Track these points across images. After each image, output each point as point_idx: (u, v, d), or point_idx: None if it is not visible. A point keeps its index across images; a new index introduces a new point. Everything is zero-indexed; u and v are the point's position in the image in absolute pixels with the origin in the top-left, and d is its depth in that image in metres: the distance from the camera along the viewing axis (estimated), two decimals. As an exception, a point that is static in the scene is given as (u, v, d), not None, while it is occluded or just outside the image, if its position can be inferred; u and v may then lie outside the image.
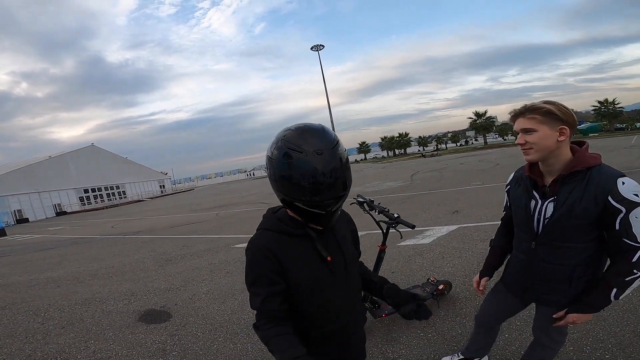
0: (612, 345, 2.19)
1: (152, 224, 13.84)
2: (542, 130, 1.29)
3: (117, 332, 3.46)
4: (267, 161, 1.02)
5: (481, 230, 5.44)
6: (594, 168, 1.29)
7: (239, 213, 12.97)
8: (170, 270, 5.61)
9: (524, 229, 1.50)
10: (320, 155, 0.93)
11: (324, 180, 0.94)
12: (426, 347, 2.48)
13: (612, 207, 1.23)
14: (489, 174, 14.02)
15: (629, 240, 1.24)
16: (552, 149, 1.31)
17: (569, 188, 1.31)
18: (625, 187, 1.22)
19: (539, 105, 1.30)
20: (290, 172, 0.95)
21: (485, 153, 32.53)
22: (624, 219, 1.22)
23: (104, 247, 9.30)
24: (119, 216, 21.19)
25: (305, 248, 1.08)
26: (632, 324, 2.38)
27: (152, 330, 3.40)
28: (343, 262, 1.14)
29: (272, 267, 1.05)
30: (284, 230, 1.08)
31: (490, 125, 59.66)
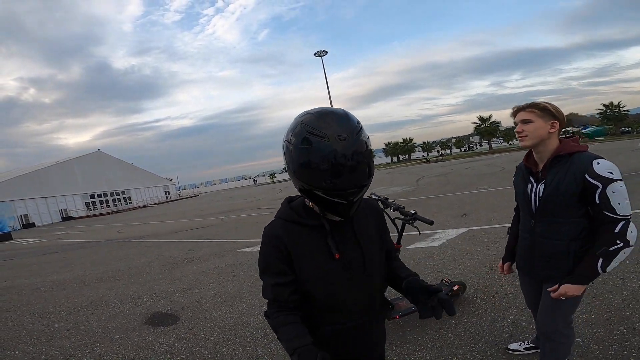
0: (638, 343, 2.11)
1: (157, 229, 13.85)
2: (537, 122, 1.53)
3: (123, 334, 3.41)
4: (284, 148, 0.97)
5: (491, 232, 5.35)
6: (576, 154, 1.49)
7: (245, 218, 12.95)
8: (177, 274, 5.57)
9: (525, 210, 1.71)
10: (343, 141, 0.87)
11: (346, 163, 0.88)
12: (443, 348, 2.39)
13: (590, 184, 1.42)
14: (496, 177, 13.88)
15: (609, 213, 1.40)
16: (543, 138, 1.54)
17: (555, 170, 1.53)
18: (600, 166, 1.41)
19: (538, 102, 1.56)
20: (310, 158, 0.89)
21: (491, 158, 32.32)
22: (602, 194, 1.40)
23: (109, 251, 9.31)
24: (125, 221, 21.27)
25: (318, 240, 1.03)
26: None
27: (159, 333, 3.34)
28: (361, 258, 1.06)
29: (280, 257, 1.02)
30: (296, 220, 1.05)
31: (494, 130, 59.34)
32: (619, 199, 1.39)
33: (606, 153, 1.33)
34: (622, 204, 1.39)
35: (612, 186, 1.39)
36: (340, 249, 1.03)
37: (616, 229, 1.40)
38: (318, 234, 1.03)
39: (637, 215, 4.95)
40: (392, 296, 3.14)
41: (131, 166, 53.11)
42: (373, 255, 1.10)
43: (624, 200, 1.40)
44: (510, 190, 1.87)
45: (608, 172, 1.40)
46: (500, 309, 2.83)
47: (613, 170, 1.41)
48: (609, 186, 1.39)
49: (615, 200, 1.39)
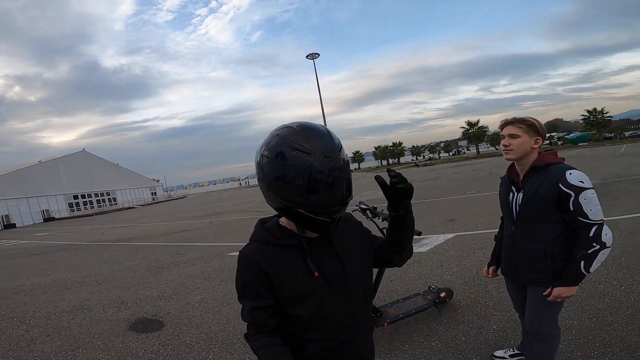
0: (620, 350, 2.15)
1: (143, 231, 13.60)
2: (523, 137, 1.66)
3: (106, 341, 3.32)
4: (260, 162, 0.92)
5: (478, 238, 5.42)
6: (552, 165, 1.63)
7: (233, 221, 12.82)
8: (163, 278, 5.47)
9: (507, 217, 1.86)
10: (328, 158, 0.86)
11: (332, 181, 0.87)
12: (431, 355, 2.41)
13: (564, 192, 1.56)
14: (483, 182, 14.11)
15: (582, 218, 1.53)
16: (527, 153, 1.68)
17: (533, 180, 1.67)
18: (572, 176, 1.55)
19: (526, 119, 1.68)
20: (294, 174, 0.86)
21: (478, 162, 32.85)
22: (575, 201, 1.53)
23: (93, 253, 9.09)
24: (110, 223, 20.83)
25: (296, 259, 1.01)
26: (638, 328, 2.35)
27: (143, 339, 3.27)
28: (342, 271, 1.04)
29: (257, 280, 0.99)
30: (271, 241, 1.02)
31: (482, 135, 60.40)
32: (591, 205, 1.53)
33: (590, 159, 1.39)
34: (594, 210, 1.53)
35: (583, 194, 1.53)
36: (320, 266, 1.01)
37: (591, 233, 1.53)
38: (295, 253, 1.01)
39: (621, 220, 5.10)
40: (381, 303, 3.15)
41: (117, 166, 52.13)
42: (354, 267, 1.08)
43: (595, 207, 1.53)
44: (496, 196, 1.98)
45: (579, 182, 1.54)
46: (486, 316, 2.86)
47: (584, 179, 1.55)
48: (581, 194, 1.53)
49: (587, 206, 1.52)
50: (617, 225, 4.85)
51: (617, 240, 4.07)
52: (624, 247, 3.96)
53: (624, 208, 6.01)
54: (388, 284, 3.86)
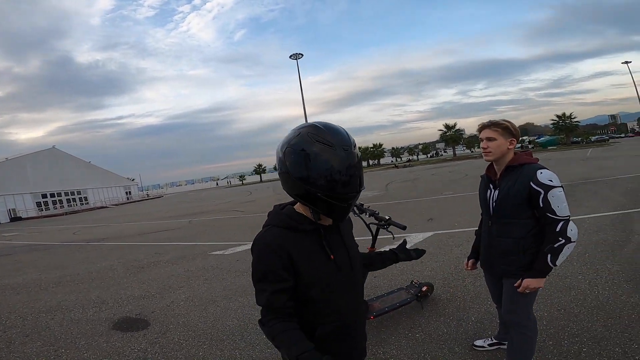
0: (587, 339, 2.33)
1: (118, 231, 13.19)
2: (499, 139, 1.80)
3: (89, 340, 3.26)
4: (284, 153, 1.02)
5: (455, 236, 5.66)
6: (525, 164, 1.76)
7: (213, 221, 12.67)
8: (143, 278, 5.38)
9: (485, 212, 2.00)
10: (346, 151, 0.98)
11: (350, 171, 0.99)
12: (415, 346, 2.53)
13: (534, 190, 1.68)
14: (460, 184, 14.61)
15: (550, 214, 1.66)
16: (504, 153, 1.81)
17: (507, 178, 1.80)
18: (542, 175, 1.68)
19: (500, 122, 1.82)
20: (319, 164, 0.97)
21: (455, 164, 33.87)
22: (544, 198, 1.65)
23: (66, 254, 8.76)
24: (81, 223, 20.04)
25: (313, 245, 1.09)
26: (602, 319, 2.55)
27: (129, 338, 3.23)
28: (348, 259, 1.15)
29: (281, 264, 1.04)
30: (293, 226, 1.08)
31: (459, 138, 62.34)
32: (558, 202, 1.65)
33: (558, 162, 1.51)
34: (561, 207, 1.65)
35: (552, 192, 1.65)
36: (333, 251, 1.10)
37: (557, 228, 1.65)
38: (312, 239, 1.09)
39: (586, 219, 5.46)
40: (366, 297, 3.26)
41: (89, 164, 50.09)
42: (356, 255, 1.22)
43: (562, 204, 1.65)
44: (471, 196, 2.22)
45: (548, 180, 1.67)
46: (465, 308, 3.03)
47: (553, 178, 1.68)
48: (550, 192, 1.65)
49: (555, 203, 1.65)
50: (582, 223, 5.19)
51: (582, 238, 4.38)
52: (588, 245, 4.27)
53: (589, 208, 6.44)
54: (372, 280, 3.99)
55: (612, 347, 2.20)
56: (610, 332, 2.38)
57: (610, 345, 2.22)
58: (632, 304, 2.70)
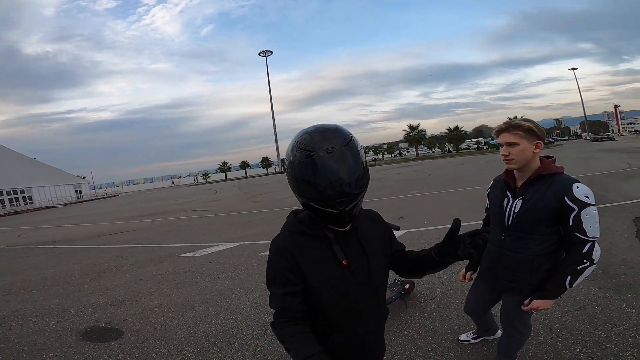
0: (560, 329, 2.51)
1: (70, 232, 12.23)
2: (522, 144, 1.56)
3: (57, 352, 3.01)
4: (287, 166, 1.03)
5: (426, 234, 5.88)
6: (556, 175, 1.58)
7: (178, 221, 12.13)
8: (107, 284, 5.03)
9: (497, 223, 1.76)
10: (330, 153, 0.93)
11: (333, 175, 0.93)
12: (405, 342, 2.61)
13: (567, 206, 1.50)
14: (424, 183, 15.21)
15: (580, 234, 1.50)
16: (529, 159, 1.58)
17: (534, 189, 1.59)
18: (579, 190, 1.50)
19: (521, 123, 1.57)
20: (301, 172, 0.96)
21: (418, 164, 35.20)
22: (576, 216, 1.49)
23: (13, 258, 8.00)
24: (26, 224, 18.33)
25: (324, 250, 1.07)
26: (569, 311, 2.76)
27: (102, 349, 3.01)
28: (367, 265, 1.10)
29: (288, 267, 1.05)
30: (302, 231, 1.08)
31: (421, 138, 64.89)
32: (591, 222, 1.49)
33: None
34: (593, 227, 1.50)
35: (586, 210, 1.48)
36: (347, 256, 1.07)
37: (584, 249, 1.51)
38: (323, 244, 1.07)
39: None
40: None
41: (33, 161, 46.05)
42: (378, 262, 1.15)
43: (594, 224, 1.50)
44: (438, 195, 2.22)
45: (585, 197, 1.49)
46: (446, 304, 3.16)
47: (589, 195, 1.50)
48: (584, 210, 1.48)
49: (587, 223, 1.49)
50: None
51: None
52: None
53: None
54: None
55: (583, 337, 2.39)
56: (579, 322, 2.58)
57: (582, 335, 2.41)
58: (593, 296, 2.95)
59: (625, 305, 2.73)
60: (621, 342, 2.28)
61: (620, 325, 2.47)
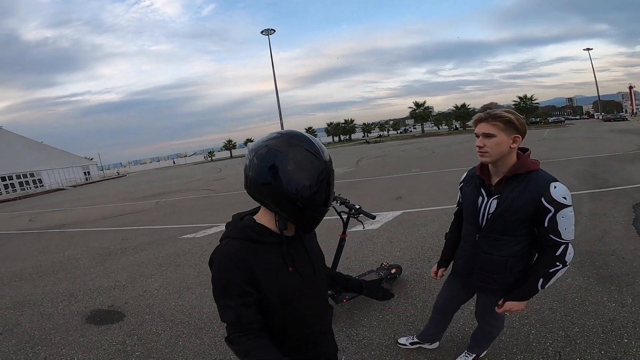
0: (535, 321, 2.54)
1: (79, 215, 12.54)
2: (500, 136, 1.46)
3: (64, 335, 3.21)
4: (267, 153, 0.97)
5: (422, 215, 5.94)
6: (533, 172, 1.49)
7: (182, 201, 12.37)
8: (111, 267, 5.25)
9: (470, 221, 1.70)
10: (329, 164, 1.02)
11: (330, 187, 1.02)
12: (385, 327, 2.72)
13: (543, 207, 1.42)
14: (427, 161, 15.14)
15: (554, 237, 1.44)
16: (504, 154, 1.49)
17: (510, 188, 1.50)
18: (556, 190, 1.42)
19: (501, 114, 1.46)
20: (307, 172, 0.97)
21: (423, 141, 34.83)
22: (552, 218, 1.42)
23: (23, 243, 8.27)
24: (37, 208, 18.79)
25: (275, 257, 1.06)
26: (549, 302, 2.79)
27: (105, 331, 3.21)
28: (312, 270, 1.15)
29: (244, 277, 1.00)
30: (255, 238, 1.04)
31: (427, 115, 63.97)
32: (566, 224, 1.42)
33: None
34: (568, 229, 1.43)
35: (563, 212, 1.41)
36: (295, 263, 1.09)
37: (557, 252, 1.46)
38: (274, 251, 1.06)
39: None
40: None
41: (41, 145, 46.50)
42: (320, 266, 1.22)
43: (570, 226, 1.44)
44: (437, 174, 2.12)
45: (562, 198, 1.41)
46: (430, 290, 3.24)
47: (567, 195, 1.42)
48: (560, 211, 1.41)
49: (563, 225, 1.42)
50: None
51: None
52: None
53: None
54: (344, 262, 4.14)
55: (556, 331, 2.41)
56: (556, 314, 2.60)
57: (555, 329, 2.44)
58: (576, 287, 2.95)
59: (607, 299, 2.71)
60: (592, 337, 2.28)
61: (595, 320, 2.46)
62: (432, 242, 4.39)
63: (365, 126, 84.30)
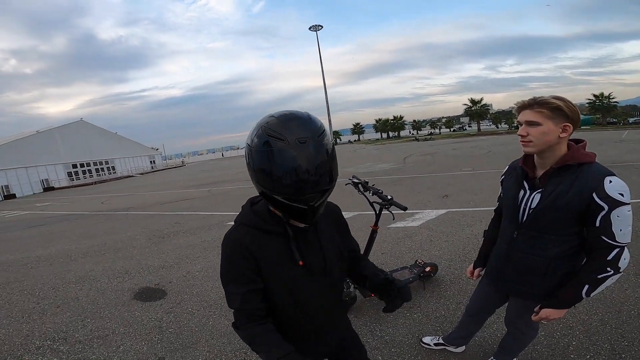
0: (580, 332, 2.32)
1: (143, 200, 13.80)
2: (546, 125, 1.29)
3: (112, 310, 3.53)
4: (246, 149, 0.94)
5: (469, 215, 5.59)
6: (585, 165, 1.30)
7: (232, 190, 13.00)
8: (164, 248, 5.68)
9: (509, 218, 1.54)
10: (303, 144, 0.85)
11: (306, 167, 0.86)
12: (412, 326, 2.61)
13: (595, 204, 1.24)
14: (480, 160, 14.19)
15: (607, 238, 1.26)
16: (551, 144, 1.32)
17: (557, 181, 1.34)
18: (612, 185, 1.23)
19: (548, 100, 1.29)
20: (271, 163, 0.87)
21: (479, 140, 32.72)
22: (605, 217, 1.24)
23: (94, 224, 9.28)
24: (109, 192, 21.03)
25: (282, 247, 1.02)
26: (600, 312, 2.50)
27: (147, 307, 3.48)
28: (323, 264, 1.08)
29: (248, 266, 1.00)
30: (260, 226, 1.02)
31: (484, 113, 59.86)
32: (622, 225, 1.24)
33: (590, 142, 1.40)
34: (624, 231, 1.25)
35: (619, 210, 1.23)
36: (304, 254, 1.04)
37: (610, 256, 1.27)
38: (283, 241, 1.02)
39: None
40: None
41: (115, 135, 51.74)
42: (334, 259, 1.12)
43: (626, 227, 1.25)
44: (491, 174, 1.92)
45: (619, 194, 1.23)
46: (466, 291, 3.05)
47: (624, 192, 1.23)
48: (616, 210, 1.23)
49: (618, 226, 1.24)
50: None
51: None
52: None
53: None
54: (379, 257, 4.06)
55: (601, 343, 2.17)
56: (605, 326, 2.35)
57: (600, 341, 2.19)
58: (635, 299, 2.63)
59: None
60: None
61: (651, 334, 2.17)
62: (477, 243, 4.09)
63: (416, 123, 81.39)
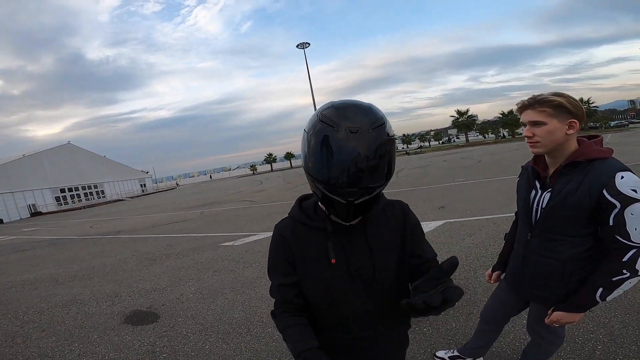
0: (603, 336, 2.24)
1: (133, 223, 13.47)
2: (551, 123, 1.26)
3: (102, 334, 3.33)
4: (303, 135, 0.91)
5: (467, 225, 5.53)
6: (597, 160, 1.24)
7: (225, 211, 12.79)
8: (155, 270, 5.47)
9: (523, 219, 1.49)
10: (354, 133, 0.79)
11: (351, 158, 0.79)
12: (422, 341, 2.49)
13: (606, 202, 1.18)
14: (472, 170, 14.32)
15: (622, 238, 1.18)
16: (559, 142, 1.27)
17: (566, 179, 1.28)
18: (624, 181, 1.16)
19: (549, 98, 1.26)
20: (315, 146, 0.83)
21: (468, 150, 33.25)
22: (619, 215, 1.17)
23: (83, 247, 8.99)
24: (98, 216, 20.54)
25: (320, 244, 0.98)
26: (620, 315, 2.44)
27: (139, 331, 3.28)
28: (371, 266, 0.98)
29: (285, 257, 1.02)
30: (303, 220, 1.02)
31: (471, 124, 61.23)
32: (638, 223, 1.16)
33: None
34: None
35: (632, 207, 1.15)
36: (347, 254, 0.97)
37: (625, 257, 1.19)
38: (321, 237, 0.99)
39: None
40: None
41: (104, 159, 51.18)
42: (387, 264, 1.01)
43: None
44: (484, 183, 1.92)
45: (632, 190, 1.15)
46: (475, 302, 2.95)
47: (638, 188, 1.16)
48: (629, 207, 1.15)
49: (633, 224, 1.16)
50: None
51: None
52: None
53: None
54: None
55: (628, 345, 2.10)
56: (628, 329, 2.27)
57: (627, 343, 2.12)
58: None
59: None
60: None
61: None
62: (478, 252, 4.03)
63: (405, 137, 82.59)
